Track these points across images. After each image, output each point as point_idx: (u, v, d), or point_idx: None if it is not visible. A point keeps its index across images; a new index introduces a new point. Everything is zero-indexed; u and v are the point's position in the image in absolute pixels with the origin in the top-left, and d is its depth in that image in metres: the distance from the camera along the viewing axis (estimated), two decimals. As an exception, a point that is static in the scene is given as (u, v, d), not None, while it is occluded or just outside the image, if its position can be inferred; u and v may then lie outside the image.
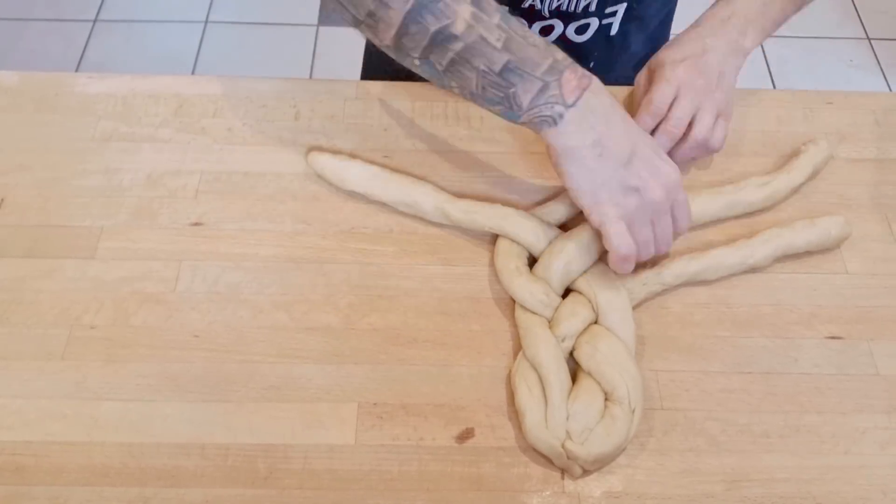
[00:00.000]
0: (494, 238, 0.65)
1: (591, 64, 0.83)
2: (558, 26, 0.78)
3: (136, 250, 0.64)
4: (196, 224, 0.66)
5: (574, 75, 0.56)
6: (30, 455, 0.54)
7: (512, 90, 0.55)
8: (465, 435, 0.56)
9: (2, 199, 0.67)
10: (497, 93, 0.56)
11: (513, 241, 0.63)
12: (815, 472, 0.55)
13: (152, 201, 0.67)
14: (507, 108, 0.57)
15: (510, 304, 0.62)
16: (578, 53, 0.82)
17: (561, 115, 0.55)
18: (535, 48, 0.55)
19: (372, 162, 0.68)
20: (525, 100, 0.55)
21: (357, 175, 0.67)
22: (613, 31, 0.81)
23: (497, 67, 0.55)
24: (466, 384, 0.58)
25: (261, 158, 0.70)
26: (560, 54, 0.57)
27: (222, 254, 0.64)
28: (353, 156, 0.69)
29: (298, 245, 0.65)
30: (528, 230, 0.63)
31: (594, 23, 0.79)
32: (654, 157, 0.58)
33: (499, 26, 0.55)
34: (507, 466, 0.55)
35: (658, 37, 0.90)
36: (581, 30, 0.79)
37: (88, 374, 0.58)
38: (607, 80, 0.78)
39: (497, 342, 0.60)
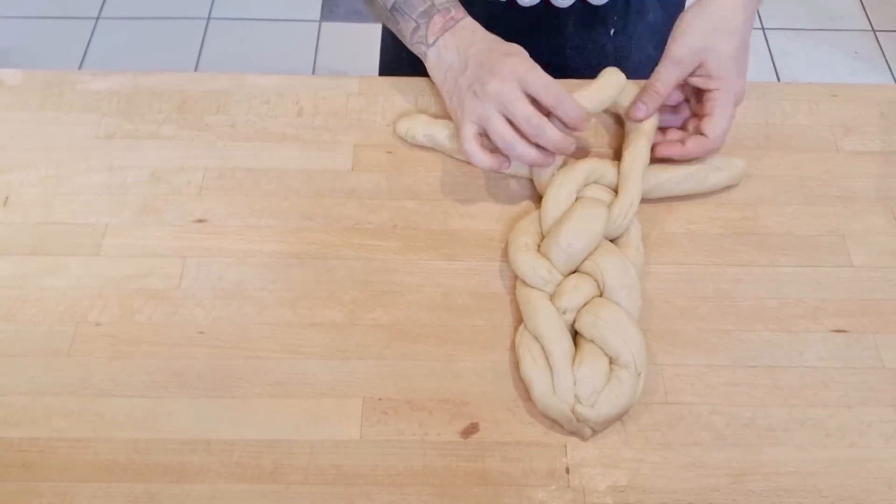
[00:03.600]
0: (498, 233, 0.65)
1: (612, 31, 0.82)
2: None
3: (141, 247, 0.64)
4: (200, 221, 0.66)
5: (442, 18, 0.66)
6: (36, 451, 0.54)
7: (398, 27, 0.69)
8: (470, 430, 0.56)
9: (6, 197, 0.67)
10: (394, 26, 0.70)
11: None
12: (820, 465, 0.55)
13: (156, 198, 0.67)
14: (402, 40, 0.70)
15: (515, 300, 0.62)
16: (597, 18, 0.81)
17: (424, 54, 0.68)
18: None
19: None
20: (406, 35, 0.69)
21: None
22: None
23: (389, 4, 0.69)
24: (471, 379, 0.58)
25: (264, 155, 0.70)
26: None
27: (226, 250, 0.64)
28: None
29: (302, 241, 0.65)
30: (553, 203, 0.63)
31: None
32: (497, 59, 0.62)
33: None
34: (511, 461, 0.55)
35: (673, 5, 0.89)
36: None
37: (94, 371, 0.58)
38: (627, 50, 0.77)
39: (501, 337, 0.60)
